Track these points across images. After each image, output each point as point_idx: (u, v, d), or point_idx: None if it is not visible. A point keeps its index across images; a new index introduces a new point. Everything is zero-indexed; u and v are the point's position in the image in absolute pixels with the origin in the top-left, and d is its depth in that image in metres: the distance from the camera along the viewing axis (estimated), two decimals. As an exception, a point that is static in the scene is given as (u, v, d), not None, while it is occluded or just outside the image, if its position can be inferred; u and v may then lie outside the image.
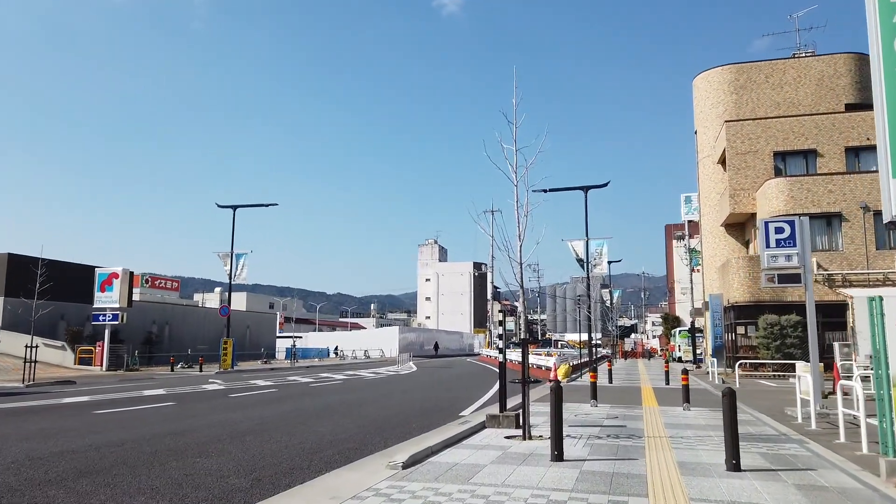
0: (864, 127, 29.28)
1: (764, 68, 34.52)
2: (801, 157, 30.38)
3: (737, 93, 34.77)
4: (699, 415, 11.77)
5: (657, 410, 12.41)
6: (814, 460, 7.24)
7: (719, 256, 34.70)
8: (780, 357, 25.22)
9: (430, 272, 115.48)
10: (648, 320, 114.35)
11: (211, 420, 11.08)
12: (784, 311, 26.12)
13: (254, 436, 9.28)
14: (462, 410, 13.10)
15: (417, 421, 11.22)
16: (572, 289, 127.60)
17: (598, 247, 27.94)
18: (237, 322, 53.81)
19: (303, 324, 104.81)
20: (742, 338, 28.88)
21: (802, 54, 34.73)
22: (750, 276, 27.50)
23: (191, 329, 46.80)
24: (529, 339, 10.21)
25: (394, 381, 23.17)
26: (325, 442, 8.76)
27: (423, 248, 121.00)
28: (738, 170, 31.12)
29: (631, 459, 7.18)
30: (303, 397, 15.84)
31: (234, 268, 33.21)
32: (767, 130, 30.75)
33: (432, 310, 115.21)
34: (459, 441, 8.63)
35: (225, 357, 32.74)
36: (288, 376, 25.84)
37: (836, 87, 33.10)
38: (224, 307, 34.86)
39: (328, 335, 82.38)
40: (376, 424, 10.70)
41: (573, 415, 11.61)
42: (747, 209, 30.95)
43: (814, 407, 9.95)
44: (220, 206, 34.15)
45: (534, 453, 7.57)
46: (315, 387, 19.84)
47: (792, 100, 33.66)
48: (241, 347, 49.58)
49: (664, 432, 9.39)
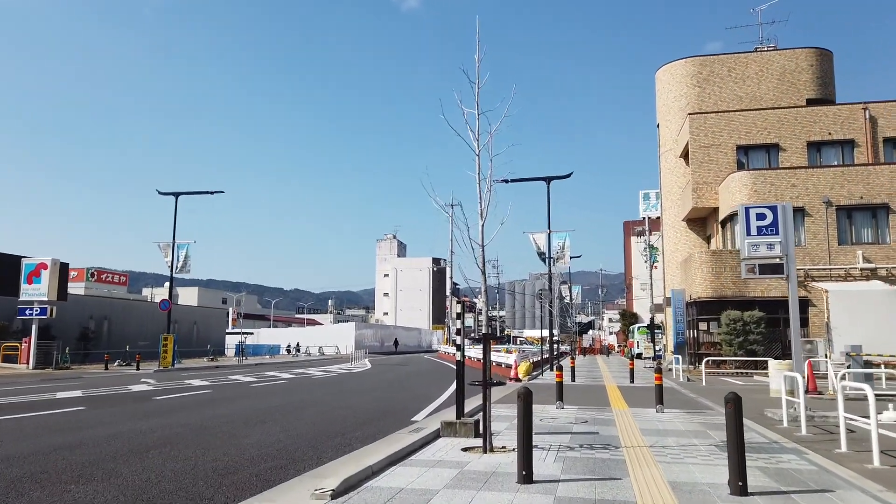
0: (825, 122, 29.07)
1: (727, 62, 34.14)
2: (764, 151, 30.04)
3: (699, 86, 34.31)
4: (674, 417, 10.71)
5: (628, 413, 11.30)
6: (824, 477, 6.15)
7: (681, 251, 34.23)
8: (743, 354, 24.67)
9: (389, 267, 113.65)
10: (606, 317, 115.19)
11: (118, 430, 9.45)
12: (747, 306, 25.60)
13: (160, 451, 7.74)
14: (415, 414, 11.76)
15: (363, 429, 9.82)
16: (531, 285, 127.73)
17: (561, 240, 26.95)
18: (184, 317, 51.24)
19: (257, 320, 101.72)
20: (704, 334, 28.34)
21: (765, 48, 34.48)
22: (713, 270, 26.94)
23: (133, 325, 44.12)
24: (493, 334, 8.84)
25: (344, 381, 21.67)
26: (246, 458, 7.29)
27: (382, 244, 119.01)
28: (702, 163, 30.60)
29: (613, 479, 5.96)
30: (238, 400, 14.24)
31: (176, 259, 31.06)
32: (731, 124, 30.30)
33: (390, 306, 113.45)
34: (408, 455, 7.29)
35: (165, 355, 30.61)
36: (230, 375, 24.05)
37: (797, 83, 32.92)
38: (164, 301, 32.66)
39: (282, 331, 79.93)
40: (313, 433, 9.26)
41: (538, 419, 10.38)
42: (710, 203, 30.46)
43: (803, 411, 8.95)
44: (161, 193, 31.92)
45: (496, 472, 6.29)
46: (256, 387, 18.20)
47: (754, 94, 33.36)
48: (188, 344, 47.14)
49: (643, 440, 8.24)
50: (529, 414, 5.79)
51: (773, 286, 26.24)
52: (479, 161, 7.71)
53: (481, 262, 7.61)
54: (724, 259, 26.93)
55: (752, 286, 26.35)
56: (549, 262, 24.66)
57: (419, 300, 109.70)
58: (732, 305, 25.91)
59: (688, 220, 34.01)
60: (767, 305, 25.62)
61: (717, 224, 30.74)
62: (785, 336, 26.11)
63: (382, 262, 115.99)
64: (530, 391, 5.92)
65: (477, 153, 7.72)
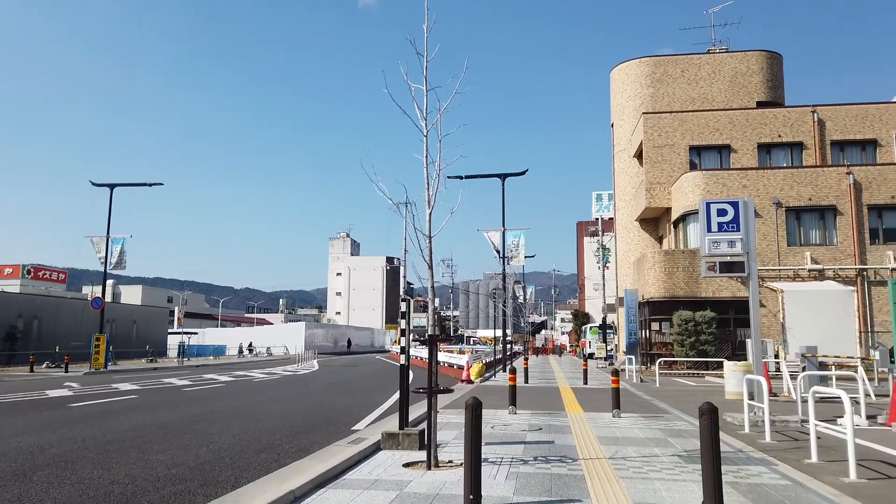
0: (775, 124, 29.42)
1: (680, 62, 34.31)
2: (716, 151, 30.21)
3: (653, 86, 34.38)
4: (632, 423, 10.12)
5: (584, 418, 10.68)
6: (802, 495, 5.56)
7: (633, 252, 34.22)
8: (695, 354, 24.62)
9: (342, 266, 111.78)
10: (558, 317, 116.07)
11: (8, 446, 8.25)
12: (699, 307, 25.59)
13: (51, 471, 6.64)
14: (358, 422, 10.87)
15: (297, 440, 8.87)
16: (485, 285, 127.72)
17: (516, 238, 26.39)
18: (122, 316, 48.74)
19: (204, 319, 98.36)
20: (656, 334, 28.27)
21: (717, 50, 34.80)
22: (665, 271, 26.85)
23: (66, 324, 41.59)
24: (441, 336, 7.98)
25: (287, 384, 20.55)
26: (150, 480, 6.28)
27: (335, 242, 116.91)
28: (655, 163, 30.58)
29: (573, 502, 5.23)
30: (163, 407, 13.04)
31: (110, 254, 29.20)
32: (684, 124, 30.37)
33: (343, 305, 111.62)
34: (342, 473, 6.42)
35: (97, 356, 28.71)
36: (164, 378, 22.57)
37: (748, 85, 33.31)
38: (97, 299, 30.70)
39: (230, 331, 77.42)
40: (238, 447, 8.27)
41: (490, 426, 9.65)
42: (663, 203, 30.47)
43: (767, 417, 8.45)
44: (94, 185, 29.96)
45: (440, 494, 5.49)
46: (189, 392, 16.92)
47: (706, 95, 33.61)
48: (127, 344, 44.81)
49: (601, 451, 7.57)
50: (478, 429, 5.00)
51: (724, 286, 26.32)
52: (426, 142, 6.90)
53: (428, 255, 6.80)
54: (677, 259, 26.89)
55: (704, 286, 26.37)
56: (503, 260, 24.05)
57: (372, 300, 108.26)
58: (684, 306, 25.86)
59: (641, 220, 34.03)
60: (718, 306, 25.66)
61: (669, 224, 30.78)
62: (735, 336, 26.23)
63: (335, 261, 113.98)
64: (479, 402, 5.13)
65: (425, 133, 6.91)
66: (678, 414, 11.41)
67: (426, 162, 6.86)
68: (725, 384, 14.56)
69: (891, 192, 25.62)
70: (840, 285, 21.92)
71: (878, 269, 25.09)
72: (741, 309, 26.15)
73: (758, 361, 10.46)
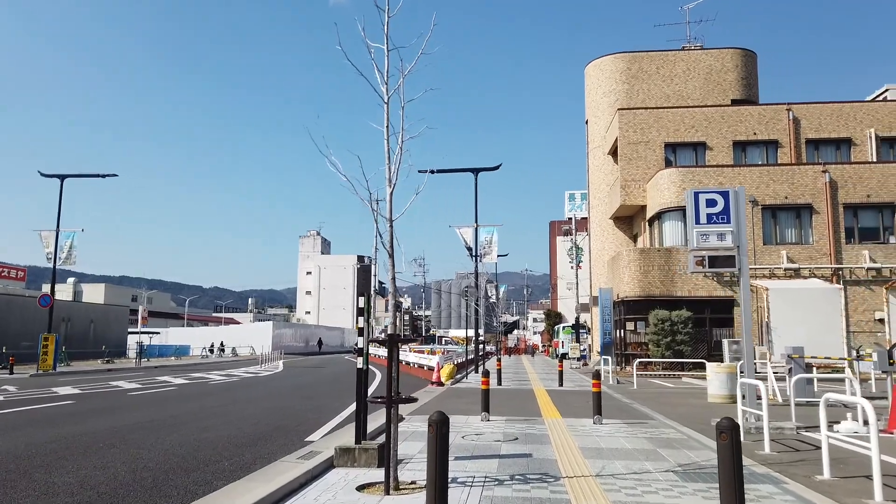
0: (750, 122, 29.06)
1: (655, 59, 33.83)
2: (692, 149, 29.75)
3: (628, 82, 33.85)
4: (615, 431, 9.27)
5: (563, 425, 9.79)
6: (827, 522, 4.71)
7: (608, 250, 33.64)
8: (670, 354, 24.03)
9: (312, 265, 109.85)
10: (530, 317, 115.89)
11: None
12: (674, 306, 25.03)
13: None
14: (314, 431, 9.81)
15: (240, 454, 7.79)
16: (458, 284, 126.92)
17: (489, 234, 25.53)
18: (79, 315, 46.67)
19: (170, 318, 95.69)
20: (631, 334, 27.66)
21: (692, 48, 34.43)
22: (641, 269, 26.24)
23: (16, 323, 39.45)
24: (404, 336, 6.90)
25: (245, 386, 19.32)
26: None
27: (305, 240, 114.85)
28: (630, 160, 30.00)
29: (559, 538, 4.29)
30: (98, 415, 11.79)
31: (59, 249, 27.52)
32: (659, 121, 29.86)
33: (313, 304, 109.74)
34: (287, 497, 5.40)
35: (45, 357, 27.02)
36: (114, 381, 21.13)
37: (723, 83, 32.98)
38: (45, 296, 28.97)
39: (195, 331, 75.24)
40: (167, 464, 7.16)
41: (460, 436, 8.69)
42: (638, 201, 29.91)
43: (767, 426, 7.64)
44: (43, 175, 28.23)
45: (398, 528, 4.50)
46: (134, 396, 15.62)
47: (681, 92, 33.19)
48: (84, 345, 42.87)
49: (586, 467, 6.67)
50: (444, 451, 4.04)
51: (700, 285, 25.83)
52: (387, 110, 5.91)
53: (389, 242, 5.81)
54: (652, 258, 26.31)
55: (680, 285, 25.85)
56: (475, 257, 23.16)
57: (343, 299, 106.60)
58: (660, 305, 25.28)
59: (615, 218, 33.47)
60: (694, 305, 25.15)
61: (644, 222, 30.25)
62: (711, 336, 25.75)
63: (305, 260, 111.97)
64: (446, 419, 4.17)
65: (385, 100, 5.91)
66: (663, 420, 10.60)
67: (387, 133, 5.87)
68: (708, 386, 13.86)
69: (866, 191, 25.39)
70: (825, 283, 21.52)
71: (853, 269, 24.83)
72: (717, 308, 25.73)
73: (749, 363, 9.69)
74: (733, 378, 13.66)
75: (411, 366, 26.73)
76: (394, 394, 5.63)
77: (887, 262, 24.81)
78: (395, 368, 5.66)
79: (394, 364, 5.67)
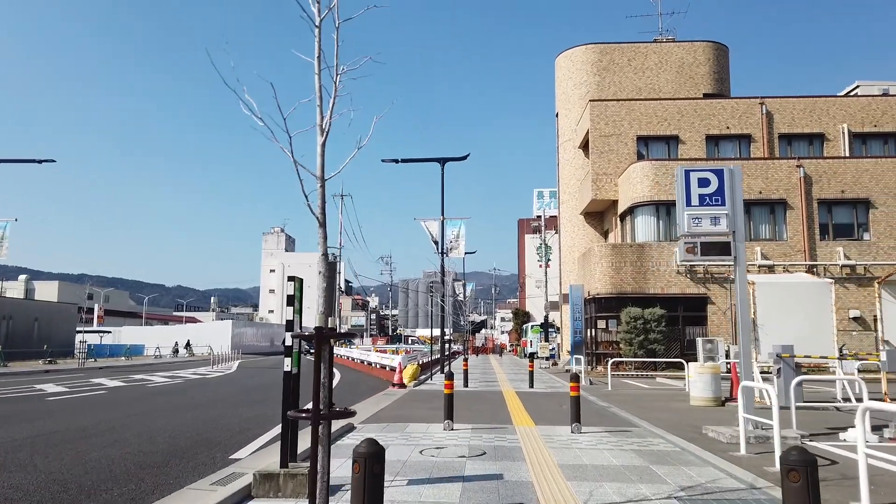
0: (723, 115, 28.41)
1: (627, 51, 33.02)
2: (664, 142, 28.98)
3: (599, 74, 32.97)
4: (598, 442, 8.06)
5: (537, 435, 8.56)
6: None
7: (578, 246, 32.72)
8: (643, 353, 23.12)
9: (276, 262, 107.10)
10: (498, 316, 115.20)
11: None
12: (647, 303, 24.16)
13: None
14: (245, 445, 8.40)
15: (141, 477, 6.34)
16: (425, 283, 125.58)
17: (455, 228, 24.26)
18: (21, 313, 43.95)
19: (127, 317, 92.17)
20: (603, 332, 26.73)
21: (663, 40, 33.72)
22: (613, 265, 25.29)
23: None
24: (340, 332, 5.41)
25: (186, 390, 17.67)
26: None
27: (269, 237, 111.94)
28: (602, 153, 29.09)
29: None
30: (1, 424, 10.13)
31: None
32: (632, 113, 29.00)
33: (277, 303, 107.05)
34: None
35: (-27, 358, 24.81)
36: (43, 384, 19.22)
37: (695, 76, 32.34)
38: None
39: (151, 330, 72.43)
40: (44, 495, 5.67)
41: (417, 450, 7.38)
42: (609, 196, 29.01)
43: (778, 437, 6.50)
44: (-26, 161, 25.90)
45: None
46: (54, 401, 13.90)
47: (653, 86, 32.44)
48: (27, 343, 40.31)
49: (570, 492, 5.41)
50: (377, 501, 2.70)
51: (673, 282, 25.01)
52: (318, 38, 4.54)
53: (319, 205, 4.46)
54: (625, 253, 25.40)
55: (653, 282, 24.99)
56: (440, 248, 21.85)
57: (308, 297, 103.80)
58: (633, 302, 24.38)
59: (586, 213, 32.57)
60: (667, 303, 24.32)
61: (615, 217, 29.36)
62: (684, 335, 24.94)
63: (269, 257, 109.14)
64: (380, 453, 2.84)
65: (317, 23, 4.55)
66: (648, 427, 9.45)
67: (318, 65, 4.51)
68: (691, 388, 12.81)
69: (840, 187, 24.90)
70: (813, 277, 20.82)
71: (827, 266, 24.31)
72: (691, 306, 24.93)
73: (747, 363, 8.60)
74: (717, 379, 12.64)
75: (373, 366, 25.32)
76: (324, 406, 4.28)
77: (861, 260, 24.35)
78: (325, 373, 4.31)
79: (324, 367, 4.32)
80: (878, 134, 27.85)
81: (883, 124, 27.74)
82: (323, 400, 4.28)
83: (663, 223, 25.62)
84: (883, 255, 24.21)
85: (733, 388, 12.76)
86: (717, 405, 12.34)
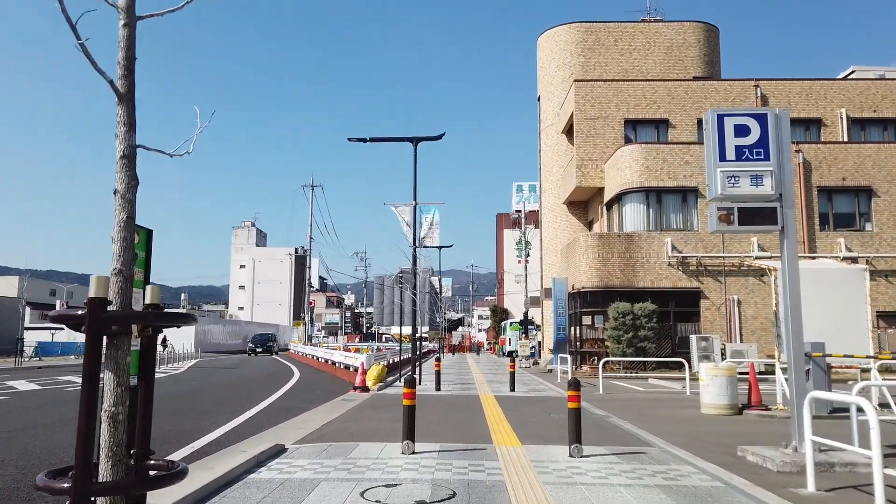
0: (716, 98, 26.59)
1: (613, 30, 31.13)
2: (653, 126, 27.09)
3: (584, 55, 31.03)
4: (607, 471, 5.95)
5: (526, 462, 6.42)
6: None
7: (561, 238, 30.77)
8: (632, 352, 21.19)
9: (246, 258, 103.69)
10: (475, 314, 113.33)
11: None
12: (637, 297, 22.23)
13: None
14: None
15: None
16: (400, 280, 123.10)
17: (430, 214, 22.04)
18: (-41, 309, 40.76)
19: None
20: (588, 329, 24.77)
21: (651, 20, 31.89)
22: (599, 257, 23.33)
23: None
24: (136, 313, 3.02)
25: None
26: None
27: (239, 232, 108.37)
28: (587, 137, 27.12)
29: None
30: None
31: None
32: (619, 95, 27.07)
33: (247, 300, 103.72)
34: None
35: None
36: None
37: (684, 58, 30.57)
38: None
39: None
40: None
41: (359, 490, 5.19)
42: (595, 183, 27.06)
43: (881, 488, 4.45)
44: None
45: None
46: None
47: (641, 67, 30.59)
48: (-34, 342, 37.24)
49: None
50: None
51: (664, 275, 23.14)
52: None
53: (121, 59, 2.21)
54: (612, 244, 23.45)
55: (642, 275, 23.10)
56: (414, 236, 19.62)
57: (279, 294, 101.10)
58: (621, 296, 22.44)
59: (569, 203, 30.63)
60: (657, 297, 22.44)
61: (601, 206, 27.43)
62: (675, 332, 23.12)
63: (238, 252, 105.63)
64: None
65: None
66: (664, 446, 7.37)
67: None
68: (702, 394, 10.79)
69: (841, 174, 23.25)
70: (847, 264, 19.04)
71: (827, 259, 22.62)
72: (683, 301, 23.07)
73: (799, 366, 6.58)
74: (734, 383, 10.64)
75: (337, 366, 23.01)
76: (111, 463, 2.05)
77: (863, 252, 22.73)
78: (115, 397, 2.09)
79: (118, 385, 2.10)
80: (877, 119, 26.30)
81: (882, 109, 26.20)
82: (111, 451, 2.06)
83: (653, 211, 23.75)
84: (886, 246, 22.63)
85: (751, 394, 10.80)
86: (734, 413, 10.35)
